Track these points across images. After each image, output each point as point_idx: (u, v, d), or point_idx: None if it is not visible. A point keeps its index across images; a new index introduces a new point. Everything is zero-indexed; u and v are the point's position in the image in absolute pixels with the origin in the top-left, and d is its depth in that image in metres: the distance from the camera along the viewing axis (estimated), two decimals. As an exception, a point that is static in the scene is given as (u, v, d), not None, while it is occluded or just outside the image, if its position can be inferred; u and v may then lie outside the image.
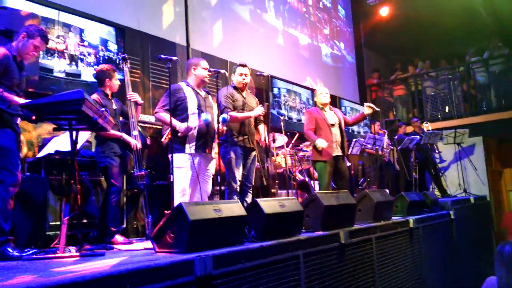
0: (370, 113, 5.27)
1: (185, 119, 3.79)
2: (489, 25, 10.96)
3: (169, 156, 3.70)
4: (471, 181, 9.34)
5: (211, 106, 4.04)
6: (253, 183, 4.40)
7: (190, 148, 3.75)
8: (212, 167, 3.97)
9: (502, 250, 2.71)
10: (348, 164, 7.09)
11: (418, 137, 8.09)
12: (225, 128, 4.10)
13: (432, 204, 6.04)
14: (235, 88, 4.41)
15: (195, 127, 3.76)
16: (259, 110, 4.30)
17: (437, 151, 9.25)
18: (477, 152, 9.86)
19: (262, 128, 4.50)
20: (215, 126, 3.91)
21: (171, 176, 3.48)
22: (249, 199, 4.26)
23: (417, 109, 11.13)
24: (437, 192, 8.09)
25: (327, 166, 5.01)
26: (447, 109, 10.67)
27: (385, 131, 8.13)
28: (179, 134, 3.68)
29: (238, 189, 4.19)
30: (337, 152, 5.10)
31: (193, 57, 4.22)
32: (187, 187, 3.67)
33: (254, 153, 4.37)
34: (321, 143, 4.92)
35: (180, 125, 3.69)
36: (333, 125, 5.16)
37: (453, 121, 10.13)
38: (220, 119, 3.87)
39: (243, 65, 4.43)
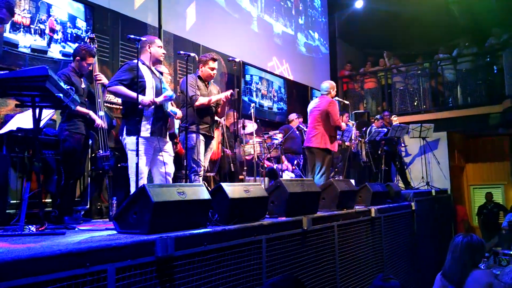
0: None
1: None
2: (460, 23, 11.26)
3: (120, 137, 3.60)
4: (434, 175, 9.64)
5: (166, 88, 3.90)
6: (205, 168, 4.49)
7: (145, 131, 3.57)
8: (169, 149, 3.80)
9: (452, 240, 3.13)
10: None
11: (385, 129, 8.27)
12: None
13: (395, 195, 6.23)
14: (199, 78, 4.41)
15: (158, 102, 3.59)
16: (227, 92, 4.37)
17: (403, 145, 9.48)
18: (441, 147, 10.19)
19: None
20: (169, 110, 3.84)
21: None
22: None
23: (386, 102, 11.36)
24: (401, 184, 8.33)
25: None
26: (415, 103, 10.93)
27: (354, 122, 8.27)
28: (141, 106, 3.48)
29: (202, 174, 4.20)
30: None
31: (146, 35, 4.10)
32: (144, 170, 3.52)
33: (212, 142, 4.49)
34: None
35: (143, 97, 3.49)
36: None
37: (420, 116, 10.37)
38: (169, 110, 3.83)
39: (215, 59, 4.42)
